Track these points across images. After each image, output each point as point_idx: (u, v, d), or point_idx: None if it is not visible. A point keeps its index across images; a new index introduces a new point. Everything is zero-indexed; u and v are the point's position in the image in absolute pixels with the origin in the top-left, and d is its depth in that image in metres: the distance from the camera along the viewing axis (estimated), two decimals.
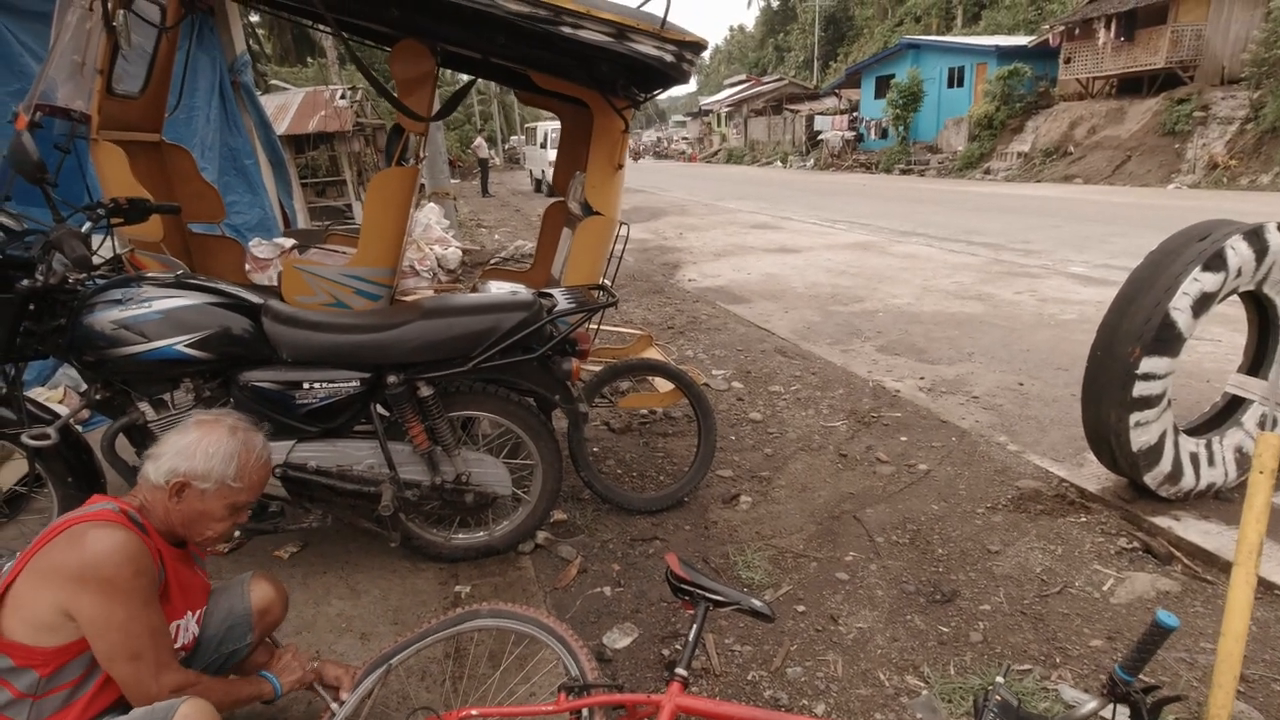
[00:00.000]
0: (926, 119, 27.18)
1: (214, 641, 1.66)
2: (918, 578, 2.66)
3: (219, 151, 5.65)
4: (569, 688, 1.59)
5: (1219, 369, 4.58)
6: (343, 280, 3.08)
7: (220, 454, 1.46)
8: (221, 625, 1.68)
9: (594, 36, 2.52)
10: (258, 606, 1.74)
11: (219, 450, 1.46)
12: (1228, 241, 2.69)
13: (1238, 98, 17.03)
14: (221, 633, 1.67)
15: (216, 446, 1.46)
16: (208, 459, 1.45)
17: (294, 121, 11.16)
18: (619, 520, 3.11)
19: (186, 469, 1.44)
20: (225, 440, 1.48)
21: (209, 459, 1.45)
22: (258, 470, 1.54)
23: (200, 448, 1.45)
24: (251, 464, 1.52)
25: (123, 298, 2.21)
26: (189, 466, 1.44)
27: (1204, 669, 2.13)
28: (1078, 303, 6.53)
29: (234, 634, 1.69)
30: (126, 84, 3.23)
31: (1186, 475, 2.93)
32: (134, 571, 1.32)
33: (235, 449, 1.49)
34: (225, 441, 1.48)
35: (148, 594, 1.36)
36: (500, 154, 40.26)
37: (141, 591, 1.34)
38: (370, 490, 2.46)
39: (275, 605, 1.78)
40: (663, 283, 8.35)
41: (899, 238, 10.88)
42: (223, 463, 1.46)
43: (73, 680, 1.34)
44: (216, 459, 1.45)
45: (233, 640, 1.69)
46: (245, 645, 1.71)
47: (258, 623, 1.73)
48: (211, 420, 1.52)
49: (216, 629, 1.67)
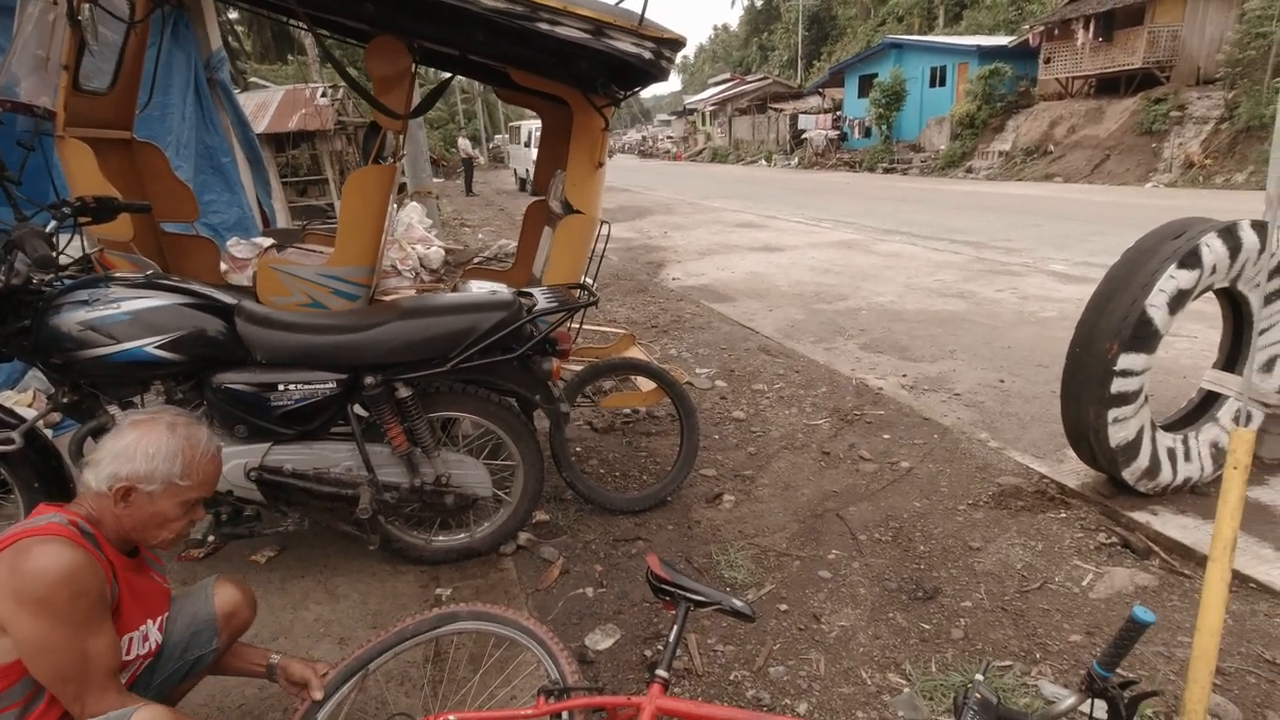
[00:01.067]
0: (909, 118, 27.38)
1: (179, 648, 1.61)
2: (900, 575, 2.67)
3: (195, 150, 5.55)
4: (549, 691, 1.58)
5: (1195, 365, 4.64)
6: (320, 280, 3.04)
7: (162, 452, 1.39)
8: (185, 631, 1.63)
9: (571, 33, 2.50)
10: (222, 610, 1.69)
11: (160, 449, 1.39)
12: (1202, 239, 2.71)
13: (1213, 98, 17.30)
14: (186, 638, 1.63)
15: (157, 446, 1.39)
16: (149, 460, 1.38)
17: (274, 120, 11.02)
18: (601, 520, 3.09)
19: (129, 472, 1.36)
20: (165, 438, 1.40)
21: (150, 459, 1.38)
22: (205, 464, 1.47)
23: (140, 449, 1.37)
24: (197, 459, 1.44)
25: (90, 298, 2.15)
26: (130, 469, 1.36)
27: (1181, 662, 2.15)
28: (1058, 300, 6.59)
29: (199, 640, 1.65)
30: (95, 80, 3.16)
31: (1164, 470, 2.96)
32: (71, 594, 1.26)
33: (178, 446, 1.41)
34: (165, 439, 1.40)
35: (87, 615, 1.29)
36: (485, 153, 40.06)
37: (79, 613, 1.28)
38: (348, 493, 2.43)
39: (242, 608, 1.74)
40: (647, 281, 8.34)
41: (882, 236, 10.94)
42: (166, 461, 1.39)
43: (21, 700, 1.29)
44: (159, 458, 1.38)
45: (198, 646, 1.65)
46: (211, 651, 1.67)
47: (223, 627, 1.69)
48: (147, 419, 1.43)
49: (180, 635, 1.62)
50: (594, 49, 2.55)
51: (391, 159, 3.30)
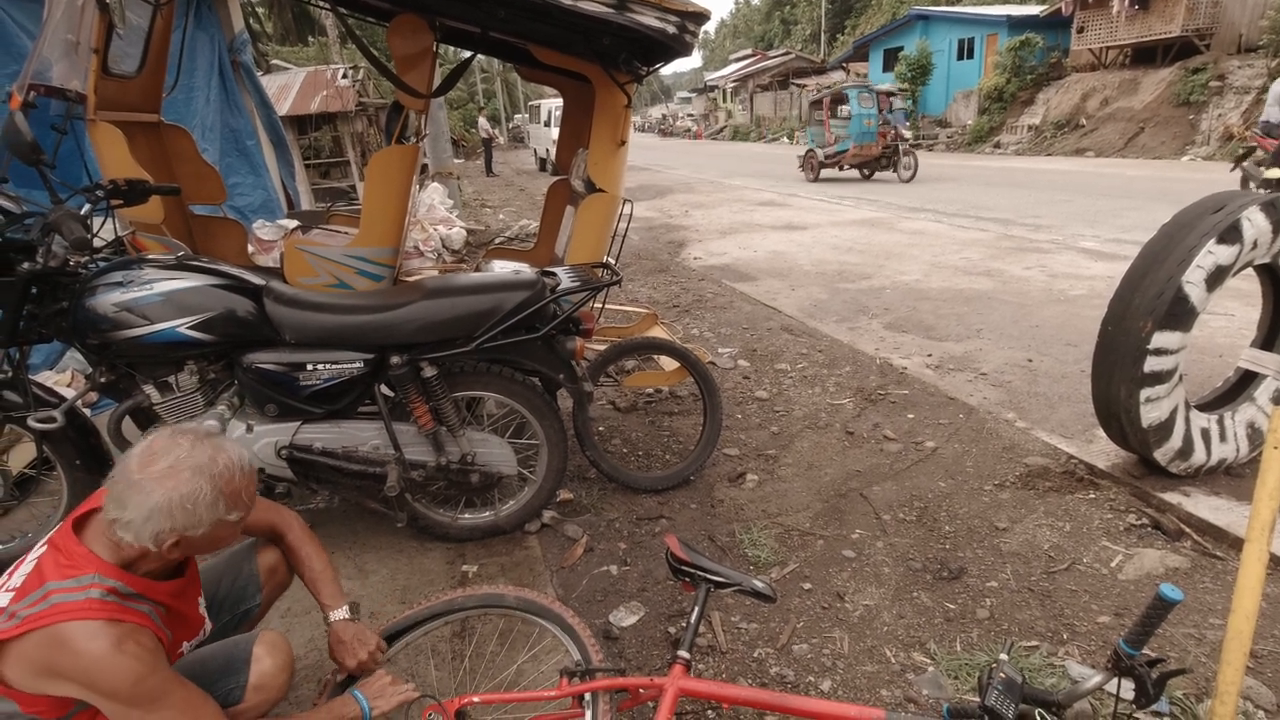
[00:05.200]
0: (935, 92, 26.73)
1: (228, 602, 1.70)
2: (924, 555, 2.66)
3: (220, 132, 5.60)
4: (571, 672, 1.59)
5: (1232, 344, 4.52)
6: (345, 261, 3.06)
7: (202, 501, 1.28)
8: (233, 586, 1.71)
9: (594, 8, 2.47)
10: (264, 567, 1.77)
11: (197, 498, 1.27)
12: (1243, 213, 2.63)
13: (1255, 66, 16.64)
14: (235, 594, 1.71)
15: (193, 496, 1.27)
16: (189, 513, 1.27)
17: (296, 102, 11.05)
18: (625, 499, 3.11)
19: (172, 526, 1.26)
20: (198, 484, 1.28)
21: (191, 513, 1.27)
22: (245, 488, 1.37)
23: (175, 504, 1.26)
24: (236, 489, 1.34)
25: (124, 280, 2.20)
26: (173, 524, 1.26)
27: (1212, 644, 2.12)
28: (1088, 278, 6.45)
29: (246, 594, 1.73)
30: (123, 63, 3.19)
31: (1197, 451, 2.90)
32: (136, 679, 1.22)
33: (214, 489, 1.30)
34: (199, 486, 1.28)
35: (158, 682, 1.25)
36: (504, 133, 39.91)
37: (152, 686, 1.24)
38: (376, 471, 2.47)
39: (280, 565, 1.80)
40: (668, 261, 8.30)
41: (907, 214, 10.76)
42: (208, 509, 1.29)
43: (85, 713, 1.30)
44: (201, 506, 1.28)
45: (246, 600, 1.73)
46: (256, 604, 1.76)
47: (265, 582, 1.77)
48: (167, 468, 1.27)
49: (228, 591, 1.70)
50: (617, 24, 2.51)
51: (414, 139, 3.30)
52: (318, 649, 2.23)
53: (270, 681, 1.52)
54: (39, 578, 1.26)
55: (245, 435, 2.38)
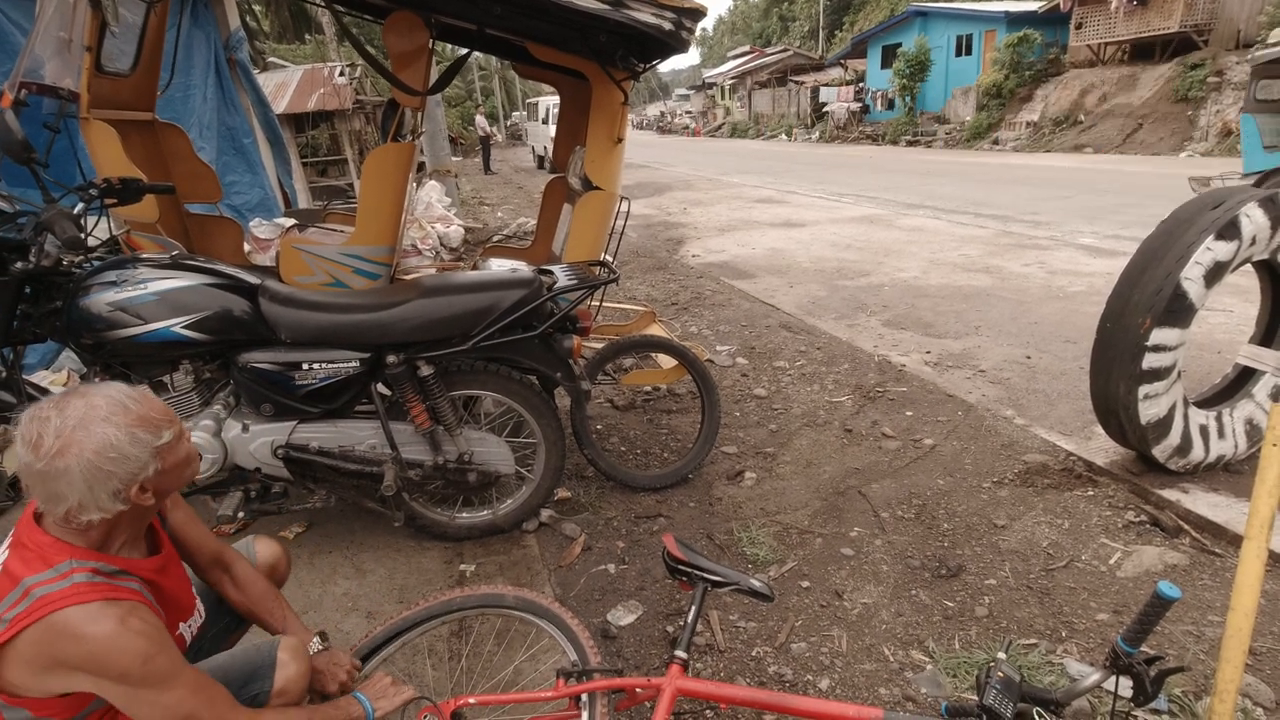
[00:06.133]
0: (934, 89, 26.71)
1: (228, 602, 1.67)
2: (923, 553, 2.65)
3: (216, 131, 5.58)
4: (568, 673, 1.59)
5: (1230, 340, 4.52)
6: (341, 259, 3.05)
7: (119, 444, 1.20)
8: None
9: (591, 5, 2.46)
10: (265, 564, 1.75)
11: (113, 444, 1.20)
12: (1242, 209, 2.62)
13: None
14: None
15: (107, 445, 1.19)
16: (119, 460, 1.20)
17: (293, 100, 11.02)
18: (623, 498, 3.10)
19: (118, 479, 1.20)
20: (101, 434, 1.19)
21: (120, 459, 1.20)
22: (147, 410, 1.27)
23: (98, 461, 1.18)
24: (136, 413, 1.24)
25: (118, 279, 2.19)
26: (116, 477, 1.20)
27: (1211, 641, 2.12)
28: (1087, 275, 6.44)
29: None
30: (117, 61, 3.17)
31: (1196, 448, 2.90)
32: (145, 657, 1.17)
33: (119, 429, 1.21)
34: (104, 434, 1.19)
35: (167, 659, 1.21)
36: (502, 130, 39.83)
37: (162, 663, 1.20)
38: (373, 470, 2.46)
39: (280, 562, 1.79)
40: (666, 259, 8.28)
41: (905, 211, 10.75)
42: (132, 444, 1.22)
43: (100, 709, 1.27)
44: (123, 446, 1.21)
45: None
46: None
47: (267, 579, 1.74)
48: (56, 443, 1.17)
49: None
50: (613, 20, 2.50)
51: (410, 137, 3.29)
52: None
53: (293, 686, 1.54)
54: (10, 579, 1.19)
55: (241, 435, 2.37)
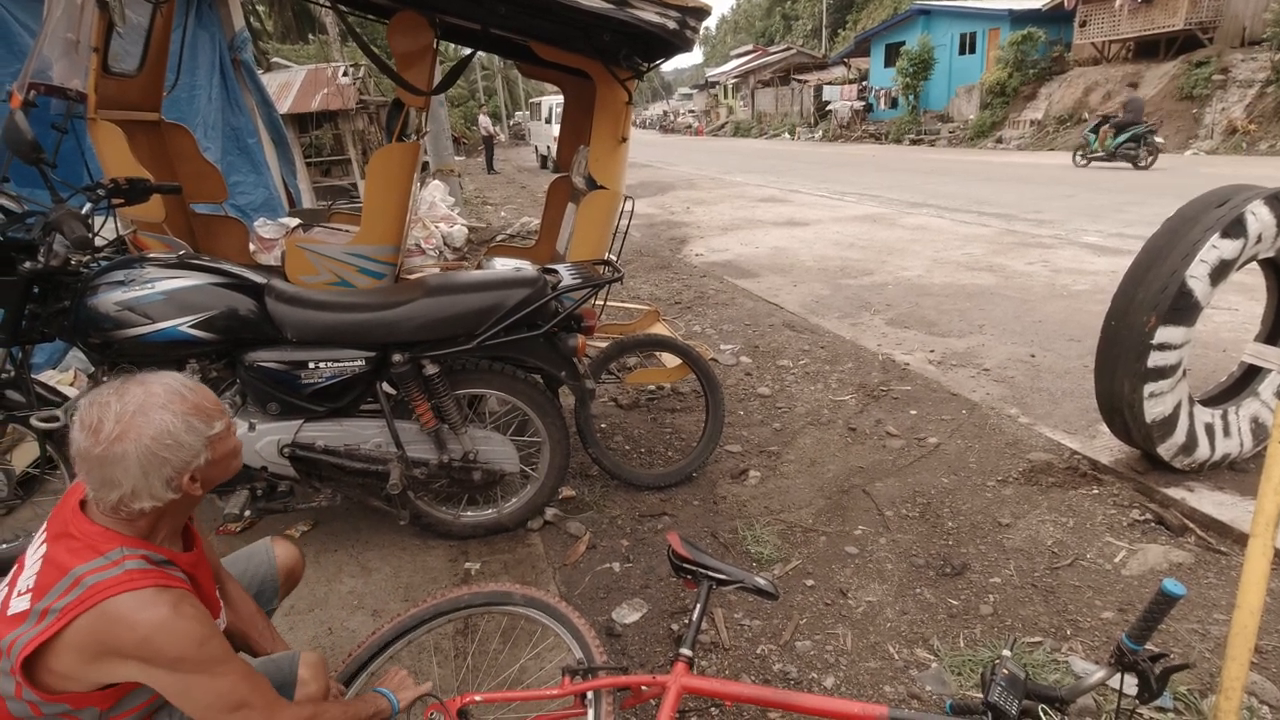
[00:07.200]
0: (937, 87, 26.63)
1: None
2: (927, 551, 2.65)
3: (221, 131, 5.61)
4: (574, 671, 1.59)
5: (1236, 338, 4.51)
6: (346, 259, 3.06)
7: (175, 431, 1.21)
8: (252, 588, 1.69)
9: (594, 4, 2.46)
10: (283, 567, 1.76)
11: (170, 431, 1.20)
12: (1248, 207, 2.62)
13: (1259, 59, 16.55)
14: (253, 595, 1.69)
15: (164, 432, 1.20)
16: (175, 447, 1.20)
17: (297, 100, 11.04)
18: (627, 496, 3.11)
19: (172, 467, 1.20)
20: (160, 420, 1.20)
21: (175, 445, 1.20)
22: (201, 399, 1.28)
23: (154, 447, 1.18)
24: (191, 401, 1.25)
25: (125, 279, 2.20)
26: (170, 464, 1.20)
27: (1216, 640, 2.12)
28: (1091, 273, 6.43)
29: (263, 596, 1.71)
30: (124, 62, 3.19)
31: (1201, 446, 2.89)
32: (200, 640, 1.18)
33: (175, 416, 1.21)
34: (161, 421, 1.20)
35: (220, 645, 1.22)
36: (505, 130, 39.86)
37: (215, 648, 1.21)
38: (378, 469, 2.47)
39: (297, 564, 1.80)
40: (670, 258, 8.29)
41: (909, 209, 10.73)
42: (187, 432, 1.22)
43: (142, 703, 1.27)
44: (179, 434, 1.21)
45: (263, 601, 1.71)
46: (273, 608, 1.74)
47: (283, 582, 1.76)
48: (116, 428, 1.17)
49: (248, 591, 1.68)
50: (617, 19, 2.51)
51: (415, 136, 3.30)
52: (320, 646, 2.24)
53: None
54: (58, 569, 1.18)
55: (248, 434, 2.38)
